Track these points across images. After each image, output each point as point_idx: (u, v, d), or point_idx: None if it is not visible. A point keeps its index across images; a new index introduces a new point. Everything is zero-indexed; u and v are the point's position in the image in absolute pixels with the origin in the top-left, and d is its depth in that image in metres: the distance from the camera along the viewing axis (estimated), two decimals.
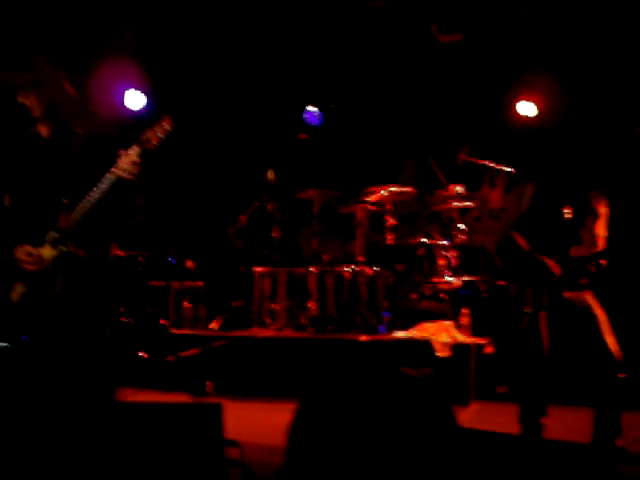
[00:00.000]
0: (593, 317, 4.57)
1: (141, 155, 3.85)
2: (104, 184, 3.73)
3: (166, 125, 3.98)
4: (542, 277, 4.62)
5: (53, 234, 3.60)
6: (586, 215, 4.70)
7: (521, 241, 4.74)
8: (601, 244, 4.65)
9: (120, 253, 8.09)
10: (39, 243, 3.55)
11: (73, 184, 3.81)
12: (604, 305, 4.57)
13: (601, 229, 4.68)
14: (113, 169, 3.75)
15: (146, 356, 7.34)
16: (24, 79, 3.79)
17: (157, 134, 3.94)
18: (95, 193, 3.70)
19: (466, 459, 1.78)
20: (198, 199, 9.85)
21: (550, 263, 4.61)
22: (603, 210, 4.70)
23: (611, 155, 5.06)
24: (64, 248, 3.62)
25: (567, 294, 4.60)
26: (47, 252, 3.56)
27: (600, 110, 7.48)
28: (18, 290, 3.50)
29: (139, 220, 9.08)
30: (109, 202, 3.77)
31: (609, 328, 4.54)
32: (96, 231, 3.75)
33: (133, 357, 7.34)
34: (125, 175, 3.77)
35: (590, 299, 4.62)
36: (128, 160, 3.79)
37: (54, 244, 3.57)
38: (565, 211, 4.69)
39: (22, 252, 3.52)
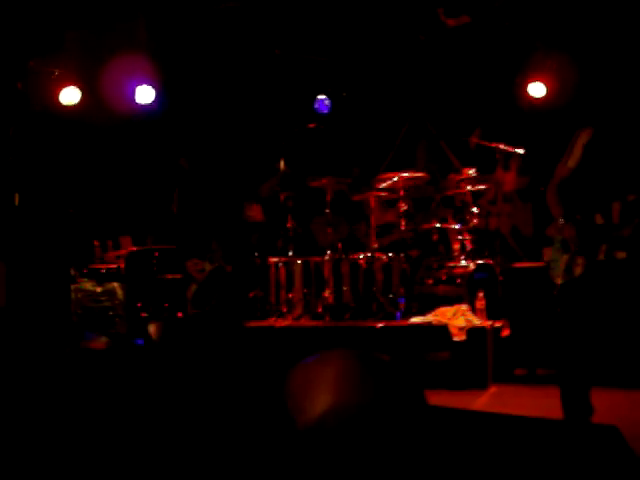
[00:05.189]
0: None
1: None
2: None
3: None
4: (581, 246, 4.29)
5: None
6: None
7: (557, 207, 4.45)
8: None
9: (133, 248, 8.11)
10: (202, 258, 5.29)
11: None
12: None
13: None
14: None
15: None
16: None
17: None
18: None
19: (484, 443, 1.80)
20: (211, 192, 9.85)
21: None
22: None
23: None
24: (222, 265, 5.47)
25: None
26: (207, 265, 5.24)
27: (613, 89, 7.41)
28: (192, 289, 5.41)
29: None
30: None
31: None
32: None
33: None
34: None
35: None
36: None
37: (211, 261, 5.33)
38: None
39: (191, 263, 5.30)
